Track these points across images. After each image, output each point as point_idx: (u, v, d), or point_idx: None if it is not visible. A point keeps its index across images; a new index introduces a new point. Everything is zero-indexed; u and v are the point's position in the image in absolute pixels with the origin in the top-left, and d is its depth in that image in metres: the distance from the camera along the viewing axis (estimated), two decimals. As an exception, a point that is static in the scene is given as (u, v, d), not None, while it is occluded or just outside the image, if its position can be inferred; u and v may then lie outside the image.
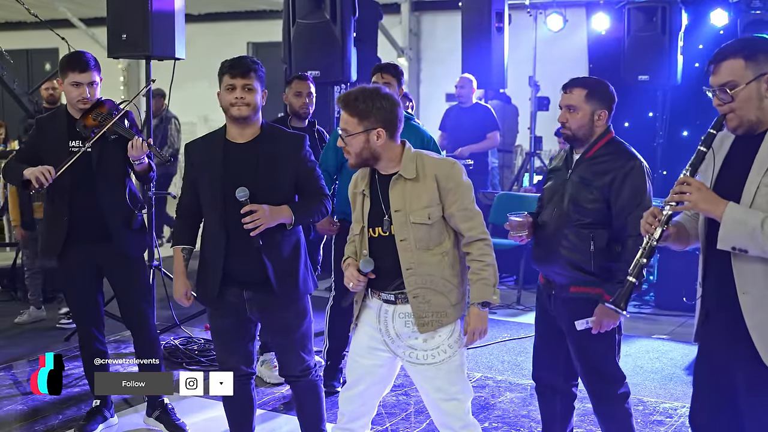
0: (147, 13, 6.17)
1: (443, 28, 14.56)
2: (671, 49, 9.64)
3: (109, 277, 4.90)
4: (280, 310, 4.06)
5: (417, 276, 3.52)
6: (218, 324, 4.17)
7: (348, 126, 3.50)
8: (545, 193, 4.15)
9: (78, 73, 4.65)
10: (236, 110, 3.91)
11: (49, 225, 4.83)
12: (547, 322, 4.20)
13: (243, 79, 3.90)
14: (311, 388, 4.23)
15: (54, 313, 7.72)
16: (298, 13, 7.88)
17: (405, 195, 3.52)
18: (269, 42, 15.82)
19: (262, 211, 3.86)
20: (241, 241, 3.92)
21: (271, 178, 3.96)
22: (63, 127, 4.74)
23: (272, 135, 4.05)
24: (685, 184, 3.00)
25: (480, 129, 9.45)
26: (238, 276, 4.01)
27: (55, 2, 15.47)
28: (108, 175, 4.71)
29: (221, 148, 4.01)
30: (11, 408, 5.38)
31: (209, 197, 4.02)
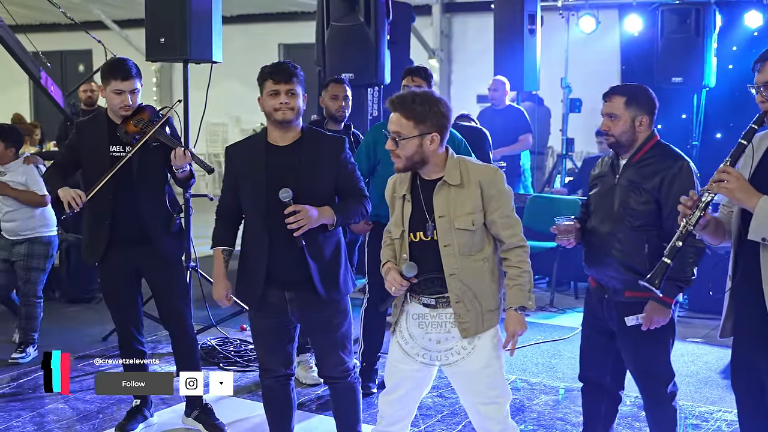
0: (185, 17, 6.25)
1: (474, 30, 14.55)
2: (705, 51, 9.59)
3: (148, 279, 4.97)
4: (322, 309, 4.11)
5: (460, 281, 3.55)
6: (259, 325, 4.22)
7: (402, 129, 3.51)
8: (592, 199, 4.18)
9: (120, 81, 4.71)
10: (281, 114, 3.96)
11: (91, 229, 4.89)
12: (596, 325, 4.23)
13: (286, 84, 3.95)
14: (350, 390, 4.27)
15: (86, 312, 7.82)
16: (332, 15, 7.92)
17: (449, 201, 3.55)
18: (300, 44, 15.88)
19: (305, 211, 3.91)
20: (284, 241, 3.97)
21: (312, 180, 4.01)
22: (103, 131, 4.80)
23: (313, 138, 4.11)
24: (724, 173, 3.11)
25: (512, 131, 9.45)
26: (280, 276, 4.05)
27: (89, 4, 15.60)
28: (148, 181, 4.78)
29: (263, 151, 4.06)
30: (53, 407, 5.46)
31: (252, 200, 4.07)
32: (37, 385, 5.87)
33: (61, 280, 8.25)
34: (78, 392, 5.70)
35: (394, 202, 3.72)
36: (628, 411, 5.39)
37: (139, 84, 4.78)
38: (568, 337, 7.12)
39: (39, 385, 5.85)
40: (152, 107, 4.90)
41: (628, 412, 5.39)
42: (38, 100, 19.00)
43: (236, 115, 16.50)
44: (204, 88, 6.63)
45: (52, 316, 7.70)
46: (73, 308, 8.01)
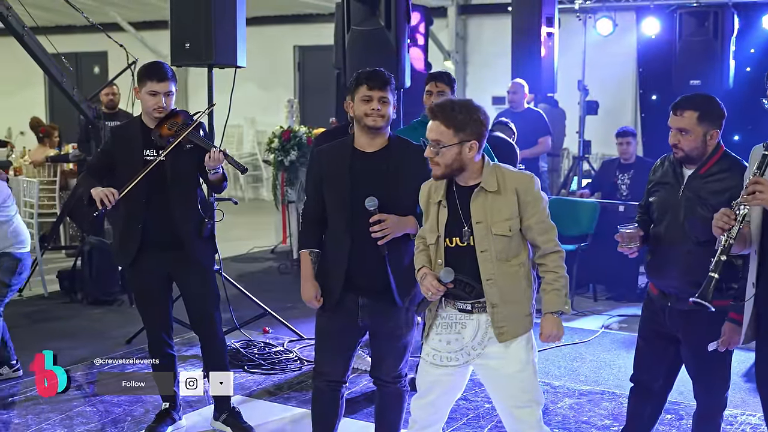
0: (210, 22, 6.29)
1: (490, 32, 14.58)
2: (723, 53, 9.64)
3: (179, 283, 5.01)
4: (393, 318, 4.13)
5: (496, 286, 3.58)
6: (327, 326, 4.22)
7: (442, 137, 3.53)
8: (656, 206, 4.15)
9: (156, 82, 4.75)
10: (371, 121, 3.98)
11: (123, 232, 4.93)
12: (656, 330, 4.23)
13: (380, 91, 3.97)
14: (397, 395, 4.28)
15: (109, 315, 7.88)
16: (353, 20, 7.95)
17: (486, 207, 3.59)
18: (316, 45, 15.94)
19: (391, 220, 3.95)
20: (366, 248, 4.00)
21: (397, 189, 4.02)
22: (138, 136, 4.85)
23: (400, 146, 4.13)
24: (757, 183, 3.17)
25: (531, 134, 9.46)
26: (358, 282, 4.08)
27: (104, 6, 15.67)
28: (181, 184, 4.83)
29: (349, 156, 4.08)
30: (81, 409, 5.51)
31: (336, 204, 4.09)
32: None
33: (84, 282, 8.29)
34: (105, 395, 5.73)
35: (428, 207, 3.75)
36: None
37: (173, 87, 4.83)
38: (588, 340, 7.14)
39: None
40: (186, 111, 4.96)
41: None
42: (54, 101, 19.10)
43: (251, 117, 16.54)
44: (221, 92, 6.65)
45: (75, 318, 7.81)
46: (97, 310, 8.05)
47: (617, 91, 12.85)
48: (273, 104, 15.60)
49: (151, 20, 17.45)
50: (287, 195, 9.94)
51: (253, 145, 16.99)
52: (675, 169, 4.07)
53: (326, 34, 12.83)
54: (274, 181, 10.13)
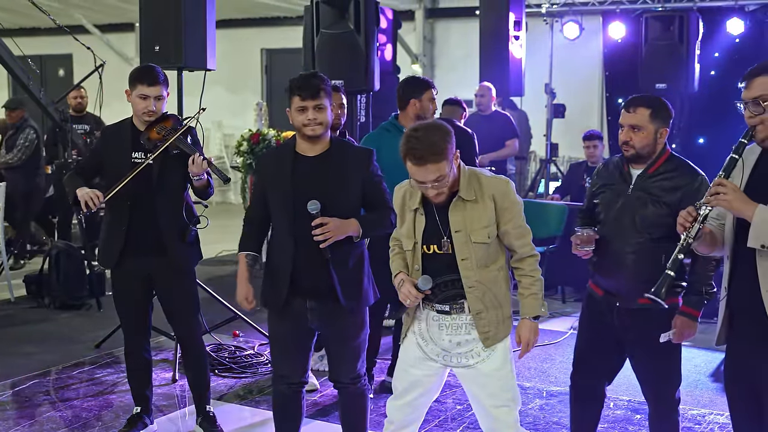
0: (180, 25, 6.26)
1: (457, 35, 14.63)
2: (688, 57, 9.75)
3: (159, 288, 4.98)
4: (341, 319, 4.14)
5: (479, 293, 3.63)
6: (279, 330, 4.24)
7: (441, 171, 3.51)
8: (602, 207, 4.18)
9: (146, 86, 4.75)
10: (310, 130, 4.00)
11: (108, 235, 4.92)
12: (600, 332, 4.24)
13: (313, 100, 3.98)
14: (359, 395, 4.30)
15: (77, 319, 7.82)
16: (322, 22, 7.95)
17: (465, 216, 3.61)
18: (283, 48, 15.91)
19: (333, 223, 3.95)
20: (309, 251, 4.01)
21: (340, 192, 4.04)
22: (127, 138, 4.84)
23: (341, 149, 4.15)
24: (720, 185, 3.21)
25: (499, 137, 9.54)
26: (303, 285, 4.09)
27: (70, 9, 15.54)
28: (167, 189, 4.81)
29: (291, 160, 4.09)
30: (50, 414, 5.46)
31: (279, 209, 4.11)
32: (34, 392, 5.87)
33: (51, 287, 8.21)
34: (75, 400, 5.71)
35: (404, 213, 3.76)
36: (621, 415, 5.49)
37: (164, 92, 4.82)
38: (558, 342, 7.20)
39: (36, 393, 5.87)
40: (176, 116, 4.95)
41: (622, 415, 5.48)
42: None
43: (218, 120, 16.47)
44: (189, 94, 6.64)
45: (43, 322, 7.74)
46: (65, 315, 7.99)
47: (584, 94, 12.93)
48: (240, 107, 15.56)
49: (117, 23, 17.33)
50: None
51: (220, 149, 16.92)
52: (621, 170, 4.13)
53: (294, 37, 12.81)
54: (243, 185, 10.10)
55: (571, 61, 12.42)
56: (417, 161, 3.50)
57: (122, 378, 6.12)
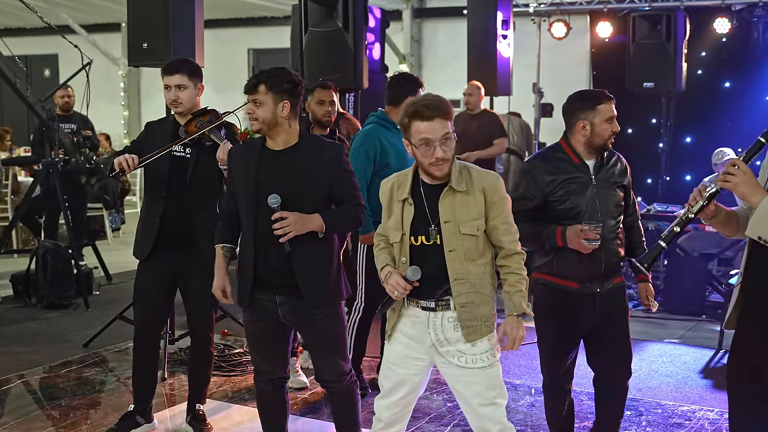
0: (168, 21, 6.24)
1: (445, 35, 14.66)
2: (675, 56, 9.76)
3: (184, 283, 4.95)
4: (311, 315, 4.10)
5: (465, 286, 3.59)
6: (253, 327, 4.22)
7: (448, 129, 3.54)
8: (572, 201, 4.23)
9: (167, 75, 4.79)
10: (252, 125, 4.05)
11: (142, 226, 4.92)
12: (572, 329, 4.36)
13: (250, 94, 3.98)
14: (346, 393, 4.26)
15: (64, 318, 7.78)
16: (310, 21, 7.94)
17: (455, 206, 3.59)
18: (270, 48, 15.91)
19: (292, 218, 3.92)
20: (271, 246, 3.98)
21: (304, 186, 4.01)
22: (168, 131, 4.86)
23: (310, 143, 4.12)
24: (733, 166, 3.18)
25: (487, 136, 9.53)
26: (269, 280, 4.07)
27: (56, 9, 15.48)
28: (202, 182, 4.81)
29: (257, 154, 4.08)
30: (38, 413, 5.43)
31: (243, 202, 4.10)
32: (22, 391, 5.84)
33: (38, 286, 8.18)
34: (62, 398, 5.67)
35: (392, 205, 3.73)
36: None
37: (188, 80, 4.80)
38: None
39: (24, 392, 5.84)
40: (216, 111, 4.92)
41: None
42: (3, 104, 18.82)
43: (205, 120, 16.44)
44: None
45: (31, 322, 7.70)
46: (52, 314, 7.95)
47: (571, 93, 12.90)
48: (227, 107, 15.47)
49: (103, 23, 17.30)
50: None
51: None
52: (573, 162, 4.28)
53: (281, 37, 12.81)
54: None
55: (559, 60, 12.46)
56: (427, 116, 3.50)
57: (110, 377, 6.10)
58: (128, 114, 17.63)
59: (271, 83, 3.97)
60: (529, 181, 4.29)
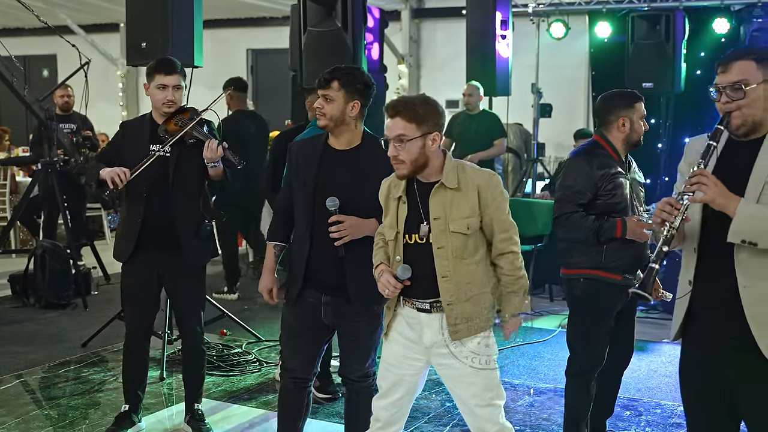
0: (167, 21, 6.23)
1: (443, 35, 14.66)
2: (675, 56, 9.78)
3: (169, 284, 4.94)
4: (355, 318, 4.09)
5: (452, 284, 3.56)
6: (292, 322, 4.20)
7: (406, 131, 3.51)
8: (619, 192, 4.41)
9: (164, 75, 4.75)
10: (317, 120, 4.01)
11: (124, 228, 4.90)
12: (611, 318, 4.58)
13: (322, 89, 3.96)
14: (365, 394, 4.23)
15: (63, 318, 7.77)
16: (309, 21, 7.92)
17: (446, 204, 3.57)
18: (269, 49, 15.90)
19: (350, 222, 3.91)
20: (325, 247, 3.97)
21: (363, 189, 3.96)
22: (146, 131, 4.83)
23: (372, 145, 4.09)
24: (702, 176, 3.09)
25: (487, 136, 9.53)
26: (319, 279, 4.06)
27: (54, 9, 15.47)
28: (183, 181, 4.79)
29: (320, 152, 4.06)
30: (37, 413, 5.41)
31: (300, 200, 4.08)
32: (20, 391, 5.83)
33: (37, 286, 8.17)
34: (61, 398, 5.66)
35: (388, 203, 3.72)
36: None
37: (182, 81, 4.82)
38: (546, 340, 7.20)
39: (22, 391, 5.82)
40: (194, 108, 4.91)
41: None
42: (2, 105, 18.78)
43: (204, 121, 16.44)
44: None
45: (29, 322, 7.69)
46: (51, 314, 7.94)
47: (570, 93, 12.97)
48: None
49: (101, 23, 17.27)
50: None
51: (205, 149, 16.89)
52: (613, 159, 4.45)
53: (279, 38, 12.80)
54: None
55: (558, 60, 12.46)
56: (389, 111, 3.55)
57: (109, 377, 6.09)
58: (127, 114, 17.58)
59: (345, 80, 3.96)
60: (582, 175, 4.40)
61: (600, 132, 4.51)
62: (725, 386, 3.23)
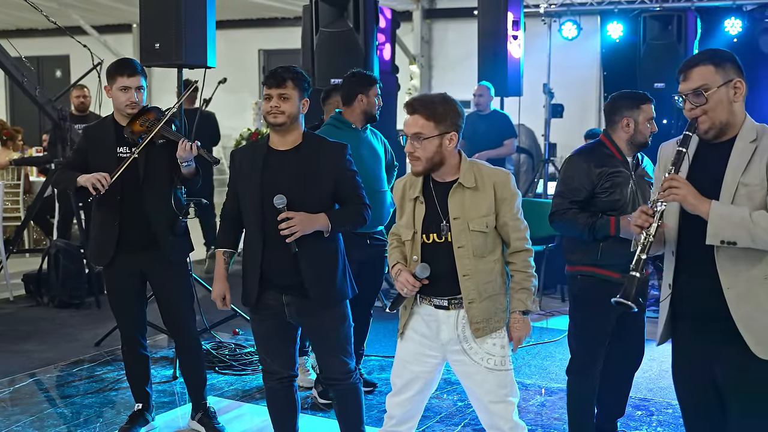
0: (180, 22, 6.25)
1: (455, 36, 14.66)
2: (687, 56, 9.70)
3: (152, 282, 4.97)
4: (318, 314, 4.13)
5: (473, 282, 3.60)
6: (259, 327, 4.24)
7: (423, 129, 3.55)
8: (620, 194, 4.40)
9: (126, 77, 4.76)
10: (271, 118, 4.02)
11: (99, 232, 4.90)
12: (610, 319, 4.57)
13: (278, 88, 4.00)
14: (352, 391, 4.28)
15: (76, 317, 7.82)
16: (321, 21, 7.97)
17: (464, 203, 3.61)
18: (281, 49, 15.93)
19: (299, 217, 3.94)
20: (278, 246, 3.99)
21: (309, 186, 4.03)
22: (111, 134, 4.84)
23: (314, 143, 4.14)
24: (673, 180, 3.15)
25: (497, 136, 9.54)
26: (275, 280, 4.09)
27: (68, 9, 15.55)
28: (154, 181, 4.80)
29: (262, 154, 4.10)
30: (51, 411, 5.46)
31: (248, 203, 4.11)
32: (34, 389, 5.87)
33: (50, 285, 8.21)
34: (75, 396, 5.70)
35: (404, 204, 3.76)
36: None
37: (144, 82, 4.83)
38: (558, 340, 7.19)
39: (36, 390, 5.87)
40: (157, 108, 4.94)
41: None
42: (15, 105, 18.90)
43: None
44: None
45: (43, 321, 7.74)
46: (64, 313, 7.99)
47: (582, 94, 12.96)
48: (238, 107, 15.56)
49: (115, 24, 17.35)
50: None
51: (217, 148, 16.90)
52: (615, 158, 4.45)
53: (291, 38, 12.82)
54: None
55: (569, 60, 12.44)
56: (408, 108, 3.59)
57: (122, 375, 6.09)
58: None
59: (297, 80, 4.02)
60: (580, 172, 4.42)
61: (606, 131, 4.54)
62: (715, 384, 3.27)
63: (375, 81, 5.57)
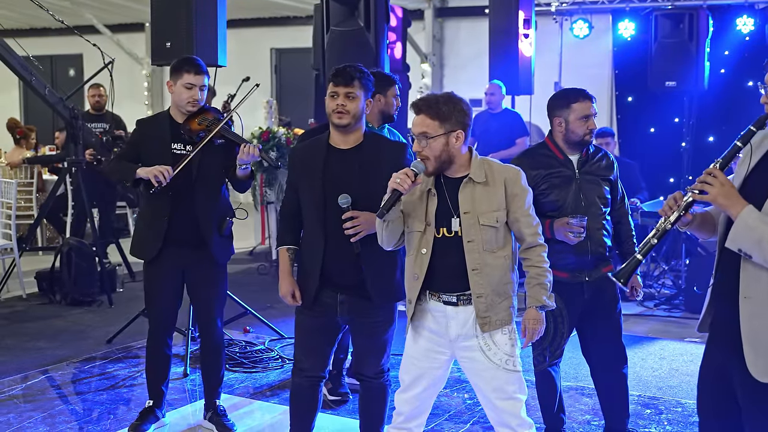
0: (191, 21, 6.29)
1: (466, 34, 14.65)
2: (698, 55, 9.74)
3: (192, 281, 4.98)
4: (371, 315, 4.14)
5: (482, 277, 3.62)
6: (307, 323, 4.23)
7: (428, 129, 3.58)
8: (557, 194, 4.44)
9: (193, 75, 4.80)
10: (336, 118, 4.00)
11: (146, 226, 4.94)
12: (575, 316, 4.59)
13: (345, 87, 3.99)
14: (381, 390, 4.31)
15: (88, 315, 7.86)
16: (332, 20, 7.97)
17: (474, 198, 3.63)
18: (293, 48, 15.95)
19: (363, 217, 3.95)
20: (339, 245, 4.00)
21: (371, 185, 4.00)
22: (166, 130, 4.87)
23: (375, 142, 4.14)
24: (711, 175, 3.01)
25: (509, 135, 9.54)
26: (335, 279, 4.09)
27: (81, 9, 15.62)
28: (207, 180, 4.84)
29: (323, 153, 4.09)
30: (63, 408, 5.50)
31: (309, 201, 4.11)
32: (46, 386, 5.91)
33: (63, 283, 8.26)
34: (87, 393, 5.75)
35: (414, 194, 3.73)
36: (632, 410, 5.46)
37: (207, 81, 4.87)
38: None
39: (48, 387, 5.91)
40: (216, 108, 4.98)
41: (632, 410, 5.45)
42: (28, 104, 19.00)
43: (228, 119, 16.53)
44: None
45: (55, 319, 7.78)
46: (76, 311, 8.03)
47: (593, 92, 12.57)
48: (249, 107, 15.52)
49: (127, 23, 17.41)
50: (266, 196, 9.94)
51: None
52: (556, 159, 4.49)
53: (303, 37, 12.84)
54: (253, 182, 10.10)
55: (581, 59, 12.41)
56: (414, 109, 3.63)
57: (134, 372, 6.16)
58: (152, 113, 17.74)
59: (364, 79, 4.03)
60: None
61: (549, 131, 4.57)
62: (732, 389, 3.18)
63: (394, 81, 5.56)
